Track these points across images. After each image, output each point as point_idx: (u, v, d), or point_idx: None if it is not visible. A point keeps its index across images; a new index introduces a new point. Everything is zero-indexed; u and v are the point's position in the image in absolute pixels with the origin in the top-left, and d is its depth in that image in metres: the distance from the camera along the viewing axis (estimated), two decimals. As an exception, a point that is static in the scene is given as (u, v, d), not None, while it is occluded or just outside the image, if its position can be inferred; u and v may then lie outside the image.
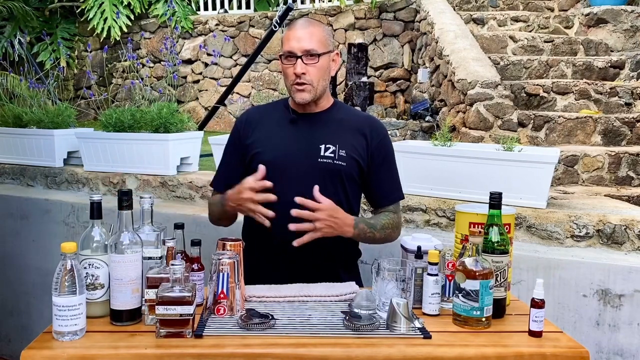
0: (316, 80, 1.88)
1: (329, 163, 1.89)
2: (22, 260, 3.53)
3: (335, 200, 1.84)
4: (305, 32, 1.87)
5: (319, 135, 1.93)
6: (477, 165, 2.68)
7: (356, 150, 1.93)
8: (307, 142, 1.92)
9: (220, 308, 1.55)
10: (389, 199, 2.02)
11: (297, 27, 1.89)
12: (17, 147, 3.86)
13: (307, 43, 1.85)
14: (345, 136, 1.94)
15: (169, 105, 3.51)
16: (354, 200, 1.98)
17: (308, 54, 1.85)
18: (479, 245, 1.54)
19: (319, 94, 1.92)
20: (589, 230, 2.51)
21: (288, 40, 1.88)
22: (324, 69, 1.89)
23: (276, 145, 1.93)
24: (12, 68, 4.56)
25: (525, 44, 5.47)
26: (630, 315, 2.31)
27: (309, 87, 1.88)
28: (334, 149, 1.90)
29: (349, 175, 1.92)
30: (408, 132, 4.70)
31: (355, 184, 1.96)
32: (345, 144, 1.92)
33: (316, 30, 1.88)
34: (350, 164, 1.91)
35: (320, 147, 1.91)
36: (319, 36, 1.88)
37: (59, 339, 1.40)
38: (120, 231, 1.50)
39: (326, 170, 1.89)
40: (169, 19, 7.11)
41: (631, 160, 3.83)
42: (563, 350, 1.44)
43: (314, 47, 1.86)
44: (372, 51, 6.48)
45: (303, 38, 1.86)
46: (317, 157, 1.89)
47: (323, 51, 1.88)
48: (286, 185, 1.85)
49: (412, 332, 1.48)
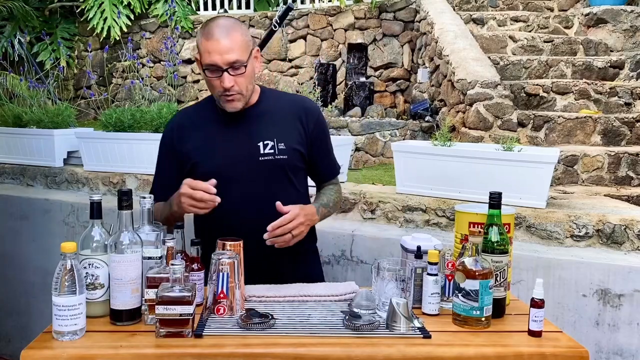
0: (244, 88, 1.82)
1: (270, 160, 1.87)
2: (22, 260, 3.53)
3: (283, 192, 1.85)
4: (226, 42, 1.74)
5: (255, 133, 1.88)
6: (477, 165, 2.68)
7: (294, 138, 1.91)
8: (245, 142, 1.87)
9: (220, 308, 1.55)
10: (331, 174, 2.08)
11: (216, 36, 1.75)
12: (17, 147, 3.86)
13: (231, 54, 1.75)
14: (281, 127, 1.91)
15: (169, 105, 3.51)
16: (301, 186, 1.98)
17: (234, 65, 1.76)
18: (478, 245, 1.54)
19: (247, 99, 1.86)
20: (589, 230, 2.51)
21: (209, 52, 1.75)
22: (250, 74, 1.83)
23: (214, 152, 1.88)
24: (12, 68, 4.56)
25: (525, 44, 5.47)
26: (629, 315, 2.31)
27: (238, 96, 1.82)
28: (273, 144, 1.87)
29: (292, 166, 1.91)
30: (408, 132, 4.70)
31: (300, 171, 1.97)
32: (282, 136, 1.89)
33: (236, 37, 1.76)
34: (292, 154, 1.89)
35: (259, 145, 1.87)
36: (240, 42, 1.77)
37: (59, 338, 1.40)
38: (120, 231, 1.50)
39: (269, 167, 1.87)
40: (169, 18, 7.11)
41: (631, 160, 3.83)
42: (563, 350, 1.44)
43: (239, 58, 1.76)
44: (372, 51, 6.48)
45: (225, 49, 1.74)
46: (258, 156, 1.86)
47: (247, 57, 1.79)
48: (232, 190, 1.82)
49: (412, 332, 1.48)
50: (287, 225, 1.73)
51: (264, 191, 1.86)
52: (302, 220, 1.76)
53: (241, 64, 1.77)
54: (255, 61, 1.87)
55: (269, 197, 1.81)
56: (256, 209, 1.82)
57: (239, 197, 1.84)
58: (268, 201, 1.79)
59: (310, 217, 1.82)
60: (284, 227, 1.72)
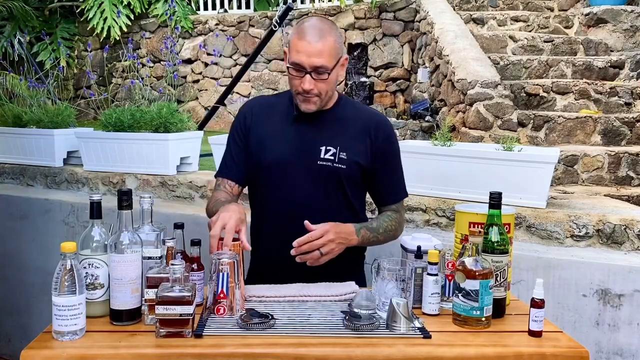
0: (324, 92, 1.81)
1: (328, 166, 1.84)
2: (22, 260, 3.53)
3: (335, 202, 1.84)
4: (316, 46, 1.73)
5: (320, 136, 1.87)
6: (477, 165, 2.68)
7: (358, 152, 1.88)
8: (308, 143, 1.87)
9: (220, 308, 1.55)
10: (392, 199, 1.98)
11: (308, 37, 1.74)
12: (17, 147, 3.86)
13: (317, 59, 1.73)
14: (348, 137, 1.88)
15: (169, 105, 3.51)
16: (356, 202, 1.94)
17: (318, 70, 1.75)
18: (478, 245, 1.54)
19: (325, 103, 1.87)
20: (589, 230, 2.51)
21: (297, 50, 1.75)
22: (333, 81, 1.82)
23: (277, 145, 1.88)
24: (11, 68, 4.56)
25: (525, 43, 5.47)
26: (629, 315, 2.31)
27: (315, 99, 1.81)
28: (335, 152, 1.85)
29: (348, 178, 1.87)
30: (408, 132, 4.70)
31: (356, 186, 1.92)
32: (346, 146, 1.87)
33: (328, 43, 1.74)
34: (351, 166, 1.86)
35: (321, 148, 1.86)
36: (331, 49, 1.75)
37: (59, 338, 1.40)
38: (120, 231, 1.50)
39: (325, 173, 1.85)
40: (169, 18, 7.11)
41: (631, 160, 3.83)
42: (563, 350, 1.44)
43: (325, 64, 1.74)
44: (372, 51, 6.48)
45: (314, 53, 1.73)
46: (317, 160, 1.85)
47: (334, 64, 1.77)
48: (285, 185, 1.84)
49: (412, 332, 1.48)
50: (314, 242, 1.69)
51: (316, 195, 1.84)
52: (332, 237, 1.71)
53: (326, 70, 1.76)
54: (341, 69, 1.85)
55: (320, 202, 1.82)
56: (305, 211, 1.79)
57: (291, 196, 1.84)
58: (318, 206, 1.80)
59: (344, 235, 1.76)
60: (310, 243, 1.68)
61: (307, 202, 1.83)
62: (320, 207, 1.82)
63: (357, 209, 1.95)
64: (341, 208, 1.86)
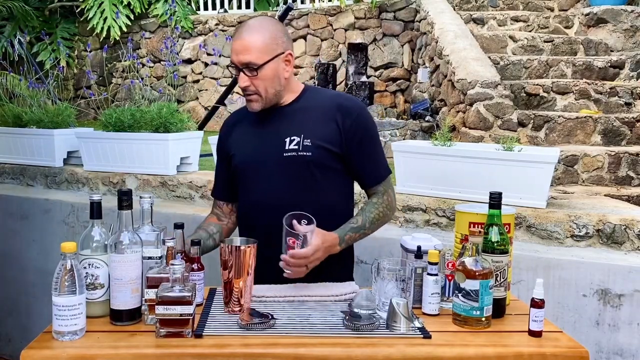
0: (263, 89, 1.82)
1: (294, 156, 1.84)
2: (22, 260, 3.53)
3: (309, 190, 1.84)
4: (243, 42, 1.78)
5: (284, 129, 1.88)
6: (477, 165, 2.68)
7: (324, 136, 1.86)
8: (273, 138, 1.88)
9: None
10: (375, 178, 1.94)
11: (238, 35, 1.80)
12: (17, 147, 3.86)
13: (245, 55, 1.77)
14: (312, 125, 1.88)
15: (169, 105, 3.51)
16: (336, 188, 1.92)
17: (247, 67, 1.78)
18: (478, 245, 1.54)
19: (270, 100, 1.86)
20: (589, 230, 2.51)
21: (232, 49, 1.82)
22: (269, 77, 1.81)
23: (245, 147, 1.93)
24: (12, 68, 4.56)
25: (525, 43, 5.47)
26: (630, 315, 2.31)
27: (255, 96, 1.83)
28: (298, 140, 1.85)
29: (318, 164, 1.85)
30: (408, 132, 4.70)
31: (331, 170, 1.89)
32: (310, 133, 1.86)
33: (256, 39, 1.77)
34: (317, 152, 1.84)
35: (285, 140, 1.86)
36: (259, 45, 1.77)
37: (59, 338, 1.40)
38: (120, 231, 1.50)
39: (293, 163, 1.85)
40: (169, 18, 7.11)
41: (631, 160, 3.83)
42: (563, 350, 1.44)
43: (252, 60, 1.77)
44: (372, 51, 6.48)
45: (241, 50, 1.78)
46: (282, 152, 1.86)
47: (264, 61, 1.78)
48: (258, 183, 1.87)
49: (412, 332, 1.48)
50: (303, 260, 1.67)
51: (288, 187, 1.85)
52: (321, 255, 1.71)
53: (254, 66, 1.77)
54: (286, 64, 1.84)
55: (293, 194, 1.83)
56: (280, 204, 1.79)
57: (264, 191, 1.87)
58: (292, 198, 1.81)
59: (330, 249, 1.76)
60: (300, 260, 1.67)
61: (282, 196, 1.83)
62: (296, 199, 1.80)
63: (337, 196, 1.92)
64: (316, 196, 1.85)
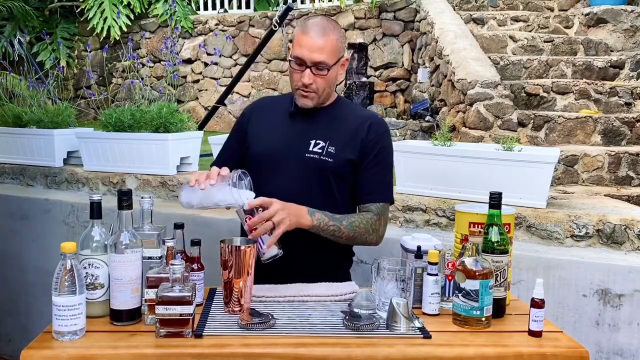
0: (322, 89, 1.85)
1: (315, 159, 1.86)
2: (22, 260, 3.53)
3: (323, 196, 1.84)
4: (319, 41, 1.79)
5: (312, 131, 1.90)
6: (477, 165, 2.68)
7: (349, 148, 1.88)
8: (299, 136, 1.90)
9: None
10: (371, 197, 1.90)
11: (312, 33, 1.80)
12: (17, 147, 3.86)
13: (318, 55, 1.79)
14: (340, 134, 1.90)
15: (169, 105, 3.51)
16: (345, 201, 1.92)
17: (318, 66, 1.80)
18: (478, 245, 1.54)
19: (322, 100, 1.90)
20: (589, 230, 2.51)
21: (300, 45, 1.81)
22: (332, 79, 1.86)
23: (269, 137, 1.93)
24: (12, 68, 4.56)
25: (525, 43, 5.47)
26: (630, 315, 2.31)
27: (313, 94, 1.86)
28: (323, 145, 1.87)
29: (335, 173, 1.87)
30: (408, 132, 4.70)
31: (345, 183, 1.90)
32: (337, 141, 1.88)
33: (330, 40, 1.80)
34: (339, 161, 1.86)
35: (311, 142, 1.88)
36: (332, 46, 1.81)
37: (59, 338, 1.40)
38: (120, 231, 1.50)
39: (312, 166, 1.86)
40: (169, 18, 7.11)
41: (631, 160, 3.83)
42: (563, 350, 1.44)
43: (325, 60, 1.80)
44: (372, 51, 6.48)
45: (315, 48, 1.79)
46: (305, 152, 1.87)
47: (334, 62, 1.82)
48: (274, 177, 1.87)
49: (412, 332, 1.48)
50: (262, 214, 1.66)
51: (303, 188, 1.85)
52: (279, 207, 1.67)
53: (326, 66, 1.80)
54: (341, 69, 1.90)
55: (307, 195, 1.82)
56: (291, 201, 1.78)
57: (279, 187, 1.84)
58: (304, 198, 1.80)
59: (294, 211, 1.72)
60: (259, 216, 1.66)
61: (293, 194, 1.82)
62: (305, 199, 1.80)
63: (344, 208, 1.90)
64: (327, 203, 1.84)
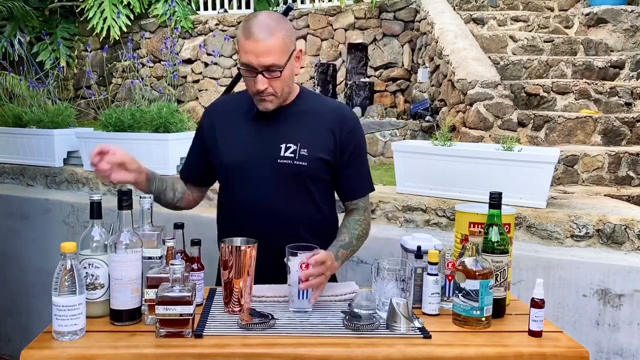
0: (280, 89, 1.74)
1: (288, 164, 1.79)
2: (22, 260, 3.53)
3: (299, 201, 1.81)
4: (264, 44, 1.65)
5: (280, 134, 1.82)
6: (477, 165, 2.68)
7: (321, 147, 1.82)
8: (268, 141, 1.82)
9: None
10: (358, 193, 1.91)
11: (255, 35, 1.66)
12: (17, 147, 3.86)
13: (267, 58, 1.66)
14: (309, 132, 1.83)
15: (169, 105, 3.51)
16: (322, 199, 1.89)
17: (269, 69, 1.68)
18: (479, 245, 1.54)
19: (283, 99, 1.81)
20: (589, 230, 2.51)
21: (245, 51, 1.68)
22: (287, 77, 1.75)
23: (236, 146, 1.84)
24: (12, 68, 4.56)
25: (525, 43, 5.47)
26: (630, 315, 2.31)
27: (271, 97, 1.76)
28: (295, 149, 1.80)
29: (311, 176, 1.82)
30: (408, 132, 4.70)
31: (322, 182, 1.87)
32: (307, 143, 1.81)
33: (276, 39, 1.67)
34: (313, 163, 1.81)
35: (281, 146, 1.80)
36: (280, 45, 1.68)
37: (59, 338, 1.40)
38: (120, 231, 1.50)
39: (287, 172, 1.80)
40: (169, 18, 7.10)
41: (631, 160, 3.83)
42: (563, 350, 1.44)
43: (275, 62, 1.67)
44: (372, 51, 6.47)
45: (262, 52, 1.66)
46: (277, 158, 1.80)
47: (285, 60, 1.70)
48: (248, 187, 1.81)
49: (412, 332, 1.48)
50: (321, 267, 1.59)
51: (278, 195, 1.80)
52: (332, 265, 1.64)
53: (277, 68, 1.69)
54: (296, 62, 1.78)
55: (282, 201, 1.79)
56: (267, 209, 1.78)
57: (252, 195, 1.81)
58: (280, 205, 1.78)
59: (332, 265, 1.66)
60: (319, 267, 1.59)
61: (270, 202, 1.80)
62: (284, 207, 1.79)
63: (324, 207, 1.89)
64: (306, 206, 1.83)
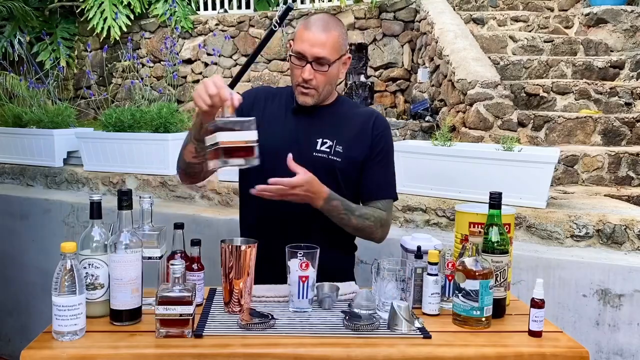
0: (322, 86, 1.83)
1: (323, 158, 1.85)
2: (22, 260, 3.53)
3: None
4: (320, 37, 1.77)
5: (318, 129, 1.89)
6: (477, 165, 2.68)
7: (356, 147, 1.88)
8: (305, 134, 1.88)
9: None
10: (378, 195, 1.92)
11: (314, 28, 1.79)
12: (17, 147, 3.86)
13: (319, 50, 1.77)
14: (345, 132, 1.89)
15: (169, 105, 3.52)
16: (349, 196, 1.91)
17: (319, 61, 1.78)
18: (478, 245, 1.54)
19: (322, 98, 1.88)
20: (589, 230, 2.51)
21: (301, 39, 1.79)
22: (332, 75, 1.84)
23: (274, 131, 1.88)
24: (12, 68, 4.56)
25: (525, 44, 5.47)
26: (630, 315, 2.31)
27: (313, 91, 1.83)
28: (331, 144, 1.86)
29: (343, 172, 1.87)
30: (408, 132, 4.70)
31: (351, 181, 1.91)
32: (343, 140, 1.87)
33: (332, 36, 1.79)
34: (346, 161, 1.86)
35: (317, 140, 1.87)
36: (334, 42, 1.79)
37: (59, 338, 1.40)
38: (120, 231, 1.50)
39: (320, 165, 1.84)
40: (168, 18, 7.10)
41: (631, 160, 3.82)
42: (563, 350, 1.44)
43: (326, 55, 1.78)
44: (372, 51, 6.47)
45: (317, 43, 1.77)
46: (313, 151, 1.86)
47: (335, 58, 1.81)
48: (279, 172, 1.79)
49: (412, 332, 1.48)
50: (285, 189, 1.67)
51: None
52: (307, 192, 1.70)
53: (327, 62, 1.78)
54: (343, 67, 1.88)
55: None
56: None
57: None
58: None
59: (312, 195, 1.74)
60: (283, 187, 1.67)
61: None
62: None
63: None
64: None
